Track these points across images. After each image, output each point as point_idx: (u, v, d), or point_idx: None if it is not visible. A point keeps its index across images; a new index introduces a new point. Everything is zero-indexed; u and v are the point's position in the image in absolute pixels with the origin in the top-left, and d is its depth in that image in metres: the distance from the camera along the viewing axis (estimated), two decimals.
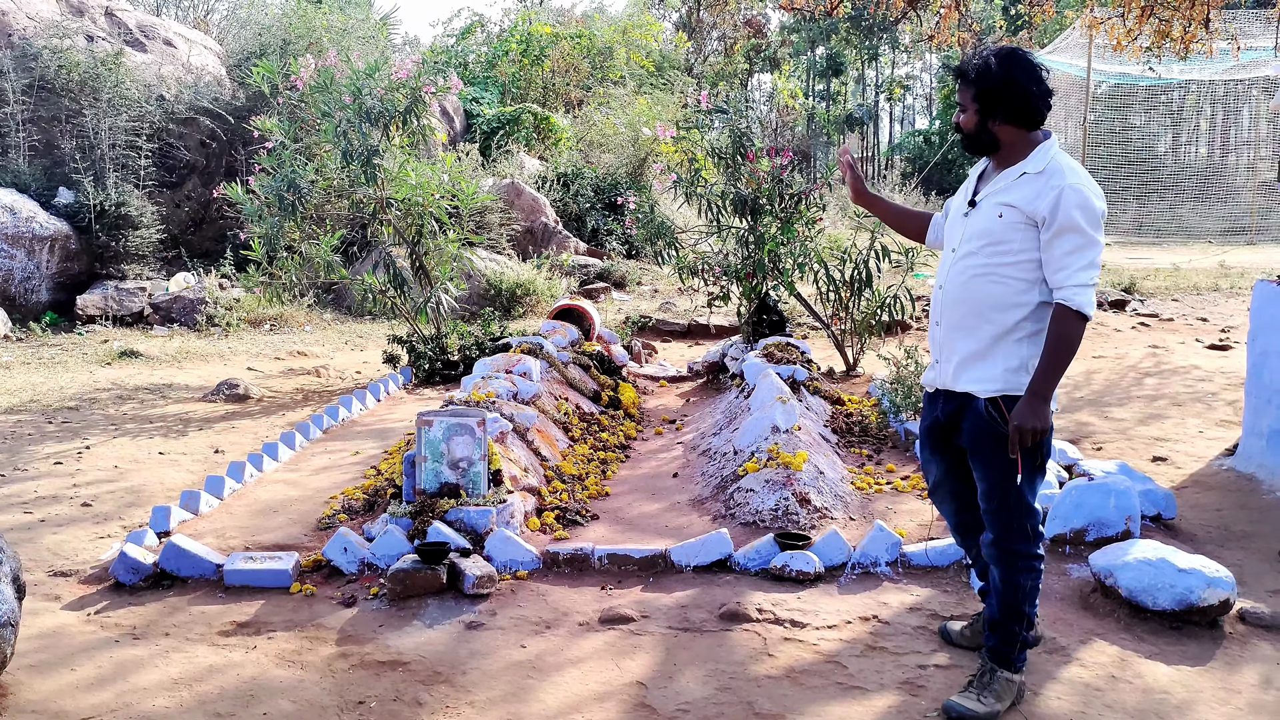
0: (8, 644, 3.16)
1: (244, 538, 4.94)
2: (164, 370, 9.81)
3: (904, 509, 5.22)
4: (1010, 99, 3.19)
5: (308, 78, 8.94)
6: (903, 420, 6.60)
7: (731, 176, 8.58)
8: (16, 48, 14.11)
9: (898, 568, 4.39)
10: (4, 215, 12.39)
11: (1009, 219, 3.17)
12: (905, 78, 54.07)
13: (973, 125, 3.27)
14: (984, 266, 3.21)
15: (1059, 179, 3.10)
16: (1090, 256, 3.07)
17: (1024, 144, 3.24)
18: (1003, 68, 3.19)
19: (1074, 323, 3.06)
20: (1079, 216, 3.05)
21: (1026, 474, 3.21)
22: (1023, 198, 3.15)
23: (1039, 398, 3.09)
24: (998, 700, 3.26)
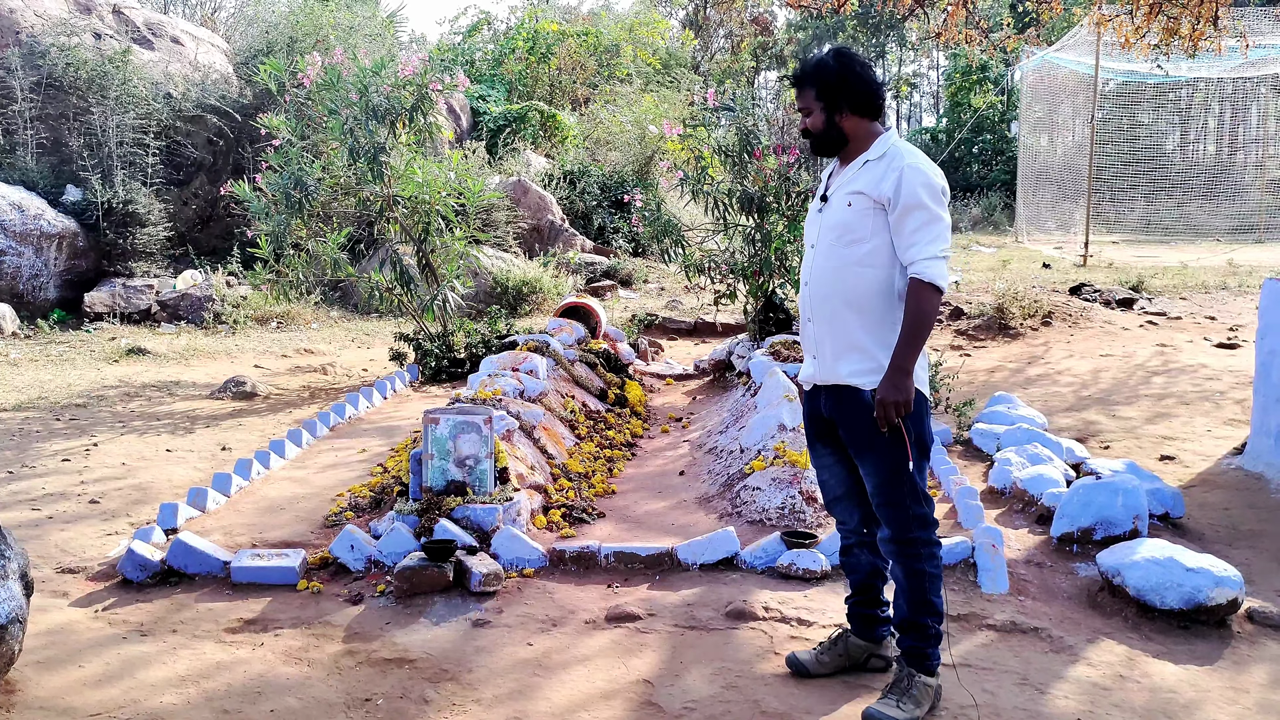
0: (16, 640, 3.17)
1: (251, 535, 4.95)
2: (171, 368, 9.83)
3: None
4: (851, 90, 3.28)
5: (314, 75, 8.95)
6: None
7: (738, 174, 8.57)
8: (24, 45, 14.14)
9: None
10: (12, 213, 12.42)
11: (858, 206, 3.24)
12: (912, 75, 53.99)
13: (821, 124, 3.34)
14: (843, 258, 3.27)
15: (899, 160, 3.20)
16: (937, 230, 3.15)
17: (867, 135, 3.32)
18: (838, 62, 3.29)
19: (928, 295, 3.12)
20: (922, 194, 3.13)
21: (915, 460, 3.22)
22: (868, 183, 3.23)
23: (900, 371, 3.12)
24: (916, 706, 3.23)
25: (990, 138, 33.07)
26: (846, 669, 3.55)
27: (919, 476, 3.26)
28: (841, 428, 3.34)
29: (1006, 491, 5.33)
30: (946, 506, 5.16)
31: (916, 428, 3.23)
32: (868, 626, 3.57)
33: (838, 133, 3.33)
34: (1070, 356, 9.27)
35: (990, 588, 4.19)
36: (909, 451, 3.20)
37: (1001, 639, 3.80)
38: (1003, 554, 4.28)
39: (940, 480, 5.51)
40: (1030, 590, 4.21)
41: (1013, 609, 4.03)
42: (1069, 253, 18.88)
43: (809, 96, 3.33)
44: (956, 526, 4.85)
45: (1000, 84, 32.18)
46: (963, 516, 4.88)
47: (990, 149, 33.08)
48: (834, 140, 3.35)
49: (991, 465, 5.71)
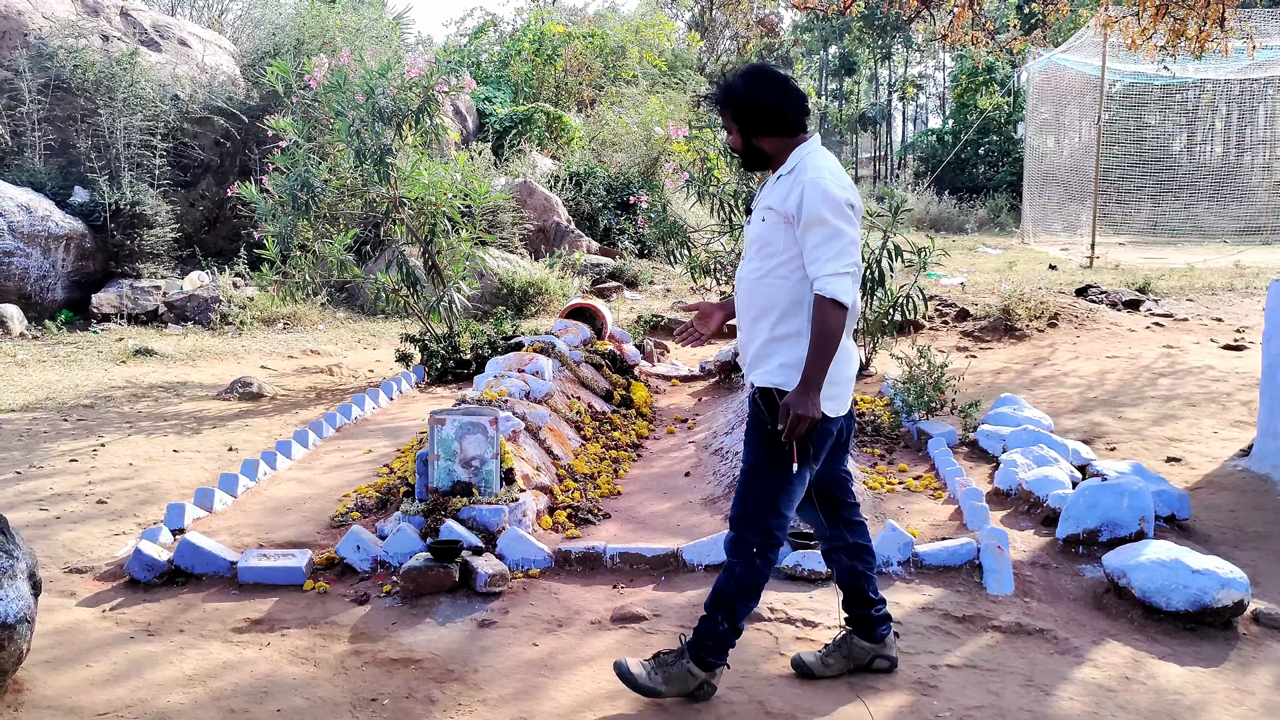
0: (24, 640, 3.18)
1: (258, 535, 4.96)
2: (178, 368, 9.86)
3: (916, 509, 5.21)
4: (761, 113, 3.30)
5: (321, 77, 8.97)
6: (915, 420, 6.59)
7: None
8: (32, 47, 14.19)
9: (910, 567, 4.38)
10: (20, 214, 12.46)
11: (770, 221, 3.28)
12: (918, 77, 53.95)
13: (739, 144, 3.39)
14: (759, 270, 3.32)
15: (802, 175, 3.22)
16: (840, 245, 3.14)
17: (787, 151, 3.34)
18: (747, 86, 3.31)
19: (831, 311, 3.12)
20: (822, 209, 3.14)
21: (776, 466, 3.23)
22: (777, 199, 3.26)
23: (807, 385, 3.14)
24: (666, 684, 3.31)
25: (996, 139, 33.07)
26: (852, 670, 3.56)
27: (786, 491, 3.27)
28: None
29: (1012, 493, 5.33)
30: (952, 508, 5.17)
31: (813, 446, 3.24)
32: (866, 627, 3.57)
33: (758, 152, 3.38)
34: (1076, 358, 9.26)
35: (996, 589, 4.19)
36: (792, 463, 3.21)
37: (1007, 640, 3.80)
38: (1008, 555, 4.28)
39: (946, 481, 5.51)
40: (1036, 592, 4.21)
41: (1018, 610, 4.03)
42: (1075, 254, 18.86)
43: (728, 118, 3.37)
44: (962, 528, 4.85)
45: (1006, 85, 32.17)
46: (968, 518, 4.88)
47: (996, 150, 33.07)
48: (756, 159, 3.41)
49: (997, 467, 5.71)
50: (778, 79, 3.34)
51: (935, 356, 6.91)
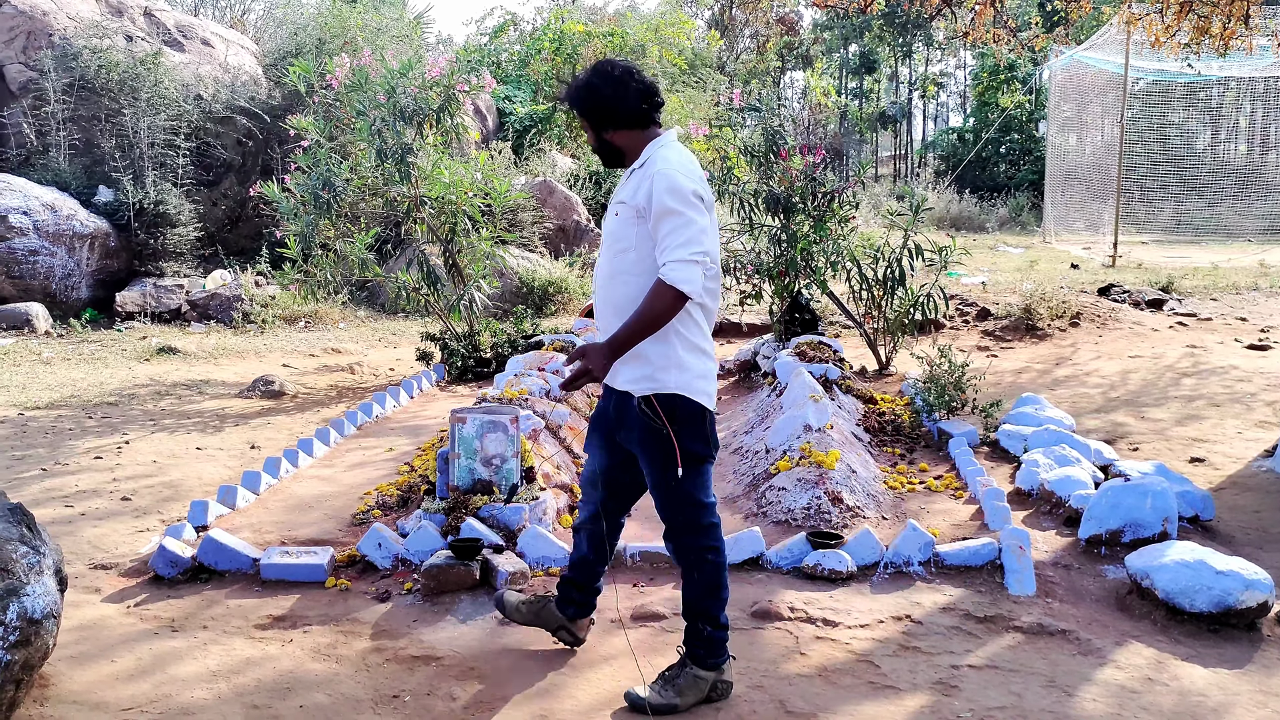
0: (50, 635, 3.21)
1: (280, 532, 4.99)
2: (201, 367, 9.93)
3: (937, 508, 5.20)
4: (607, 109, 3.32)
5: (343, 77, 9.02)
6: (936, 420, 6.57)
7: (764, 175, 8.56)
8: (57, 48, 14.31)
9: (931, 567, 4.37)
10: (45, 213, 12.57)
11: (623, 216, 3.29)
12: (939, 75, 53.70)
13: (594, 142, 3.43)
14: (616, 267, 3.32)
15: (651, 168, 3.23)
16: (686, 234, 3.13)
17: (640, 145, 3.36)
18: (588, 84, 3.34)
19: (666, 295, 3.12)
20: (668, 199, 3.14)
21: (686, 466, 3.26)
22: (629, 193, 3.29)
23: (611, 347, 3.18)
24: (678, 695, 3.32)
25: (1018, 137, 32.89)
26: (535, 625, 3.76)
27: (691, 482, 3.31)
28: (620, 430, 3.42)
29: (1034, 493, 5.30)
30: (973, 508, 5.15)
31: (688, 439, 3.26)
32: (563, 601, 3.73)
33: (612, 148, 3.40)
34: (1099, 358, 9.21)
35: (1017, 589, 4.17)
36: (676, 459, 3.24)
37: (1028, 641, 3.79)
38: (1030, 556, 4.27)
39: (967, 481, 5.49)
40: (1058, 592, 4.19)
41: (1040, 611, 4.01)
42: (1098, 253, 18.75)
43: (580, 118, 3.42)
44: (983, 528, 4.84)
45: (1028, 83, 31.99)
46: (989, 518, 4.87)
47: (1018, 149, 32.90)
48: (612, 155, 3.43)
49: (1018, 467, 5.69)
50: (618, 72, 3.34)
51: (956, 356, 6.88)
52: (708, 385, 3.32)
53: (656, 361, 3.24)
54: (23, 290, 12.36)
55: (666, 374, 3.24)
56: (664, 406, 3.24)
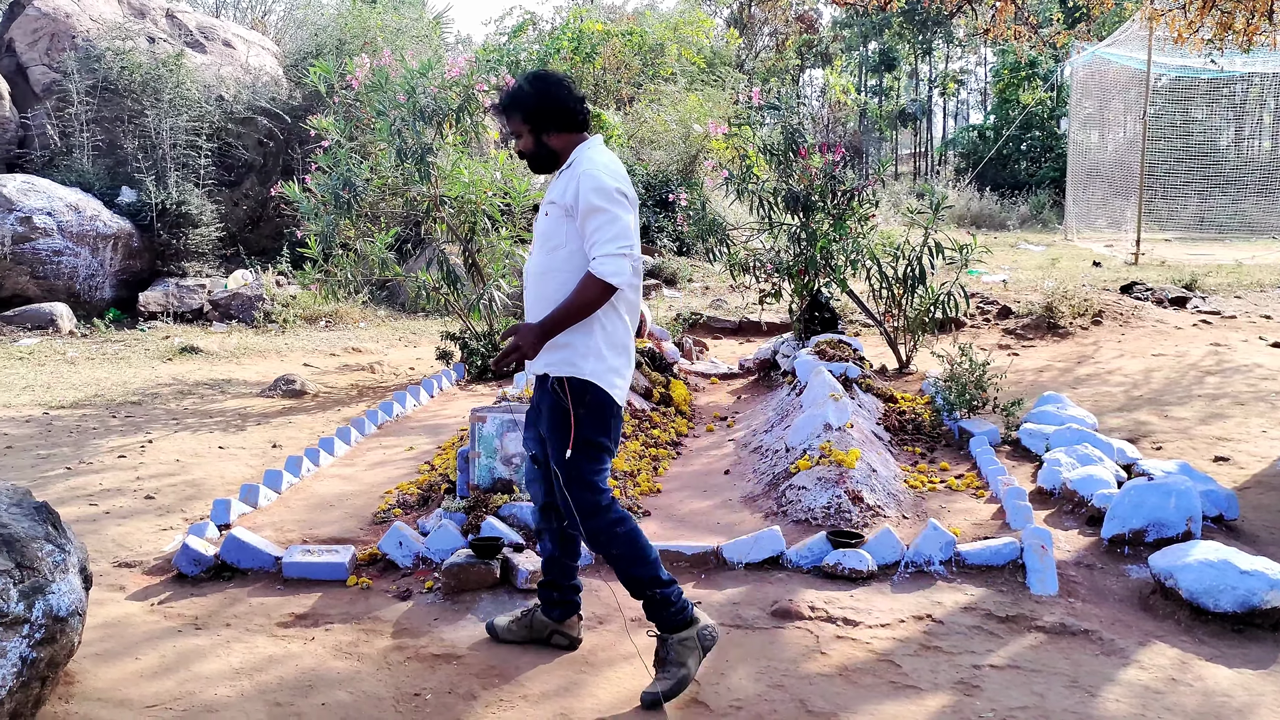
0: (75, 633, 3.24)
1: (301, 531, 5.02)
2: (223, 366, 9.99)
3: (958, 508, 5.18)
4: (550, 110, 3.49)
5: (363, 77, 9.05)
6: (956, 418, 6.54)
7: (783, 173, 8.55)
8: (80, 49, 14.43)
9: (952, 567, 4.35)
10: (69, 214, 12.68)
11: (553, 215, 3.47)
12: (960, 72, 53.45)
13: (531, 145, 3.55)
14: (545, 264, 3.49)
15: (578, 169, 3.42)
16: (614, 229, 3.33)
17: (572, 148, 3.55)
18: (534, 86, 3.51)
19: (594, 286, 3.31)
20: (594, 198, 3.33)
21: (576, 448, 3.40)
22: (558, 193, 3.46)
23: (543, 328, 3.35)
24: (680, 666, 3.42)
25: (1039, 134, 32.71)
26: (531, 640, 3.79)
27: (589, 470, 3.44)
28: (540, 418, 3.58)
29: (1056, 492, 5.27)
30: (994, 508, 5.13)
31: (590, 427, 3.42)
32: (546, 605, 3.80)
33: (548, 151, 3.55)
34: (1121, 356, 9.15)
35: (1039, 589, 4.15)
36: (570, 440, 3.40)
37: (1051, 641, 3.77)
38: (1052, 555, 4.24)
39: (988, 480, 5.47)
40: (1080, 592, 4.17)
41: (1062, 611, 3.99)
42: (1120, 251, 18.63)
43: (517, 121, 3.53)
44: (1004, 527, 4.81)
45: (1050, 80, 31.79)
46: (1011, 517, 4.84)
47: (1039, 146, 32.72)
48: (546, 158, 3.57)
49: (1040, 466, 5.66)
50: (559, 78, 3.57)
51: (977, 354, 6.85)
52: (620, 380, 3.49)
53: (578, 348, 3.42)
54: (47, 290, 12.47)
55: (585, 361, 3.41)
56: (575, 390, 3.41)
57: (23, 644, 2.95)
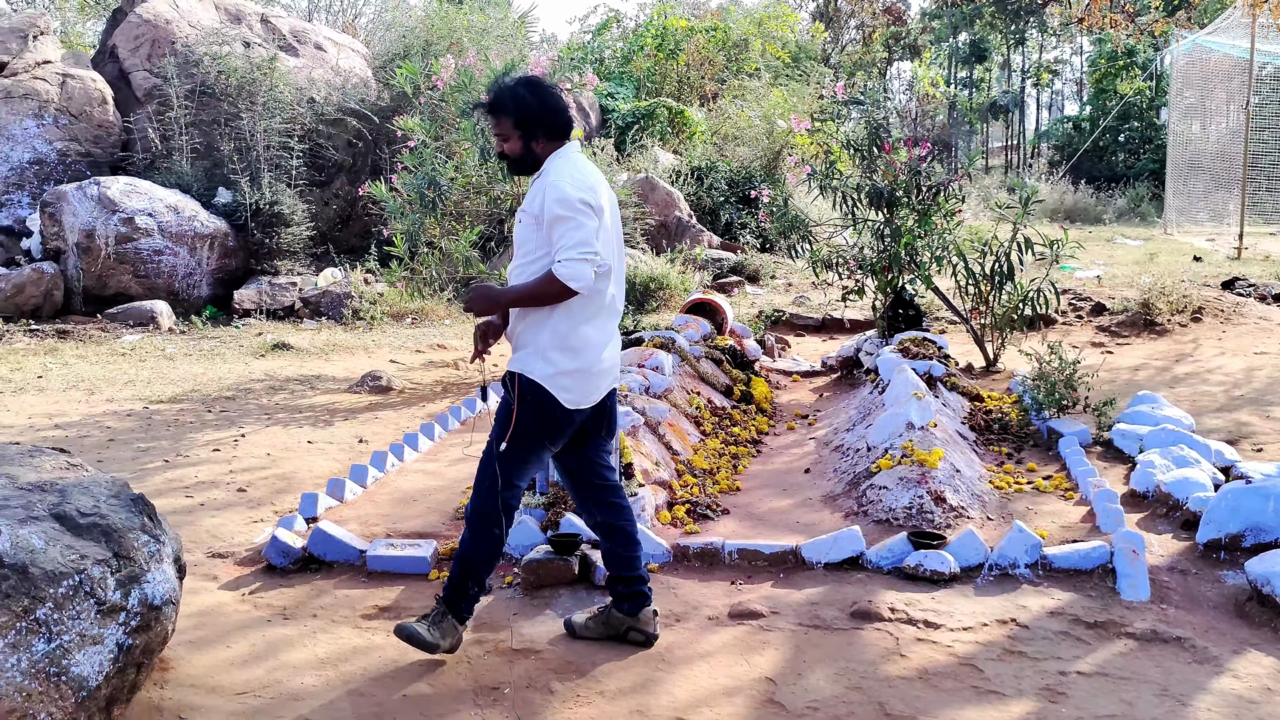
0: (169, 621, 3.35)
1: (385, 525, 5.11)
2: (313, 362, 10.22)
3: (1045, 509, 5.06)
4: (546, 119, 3.59)
5: (448, 77, 9.17)
6: (1045, 418, 6.39)
7: (867, 168, 8.44)
8: (180, 55, 14.88)
9: (1038, 570, 4.25)
10: (169, 214, 13.10)
11: (525, 223, 3.60)
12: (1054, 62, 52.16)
13: (520, 150, 3.63)
14: (519, 268, 3.63)
15: (547, 178, 3.53)
16: (577, 235, 3.42)
17: (549, 154, 3.63)
18: (535, 94, 3.60)
19: (553, 285, 3.44)
20: (557, 207, 3.44)
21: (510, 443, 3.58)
22: (530, 202, 3.57)
23: (495, 297, 3.59)
24: (443, 637, 3.63)
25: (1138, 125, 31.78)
26: (608, 637, 3.82)
27: (508, 461, 3.61)
28: None
29: (1149, 495, 5.12)
30: (1083, 510, 5.00)
31: (527, 424, 3.57)
32: (616, 600, 3.83)
33: (534, 158, 3.63)
34: (1221, 354, 8.84)
35: (1130, 595, 4.04)
36: (507, 435, 3.57)
37: (1141, 648, 3.66)
38: (1144, 560, 4.12)
39: (1078, 482, 5.33)
40: (1173, 598, 4.04)
41: (1154, 617, 3.87)
42: (1221, 245, 18.01)
43: (507, 125, 3.60)
44: (1094, 531, 4.69)
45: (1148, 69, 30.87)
46: (1101, 520, 4.71)
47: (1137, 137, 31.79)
48: (530, 164, 3.65)
49: (1133, 468, 5.50)
50: (552, 87, 3.68)
51: (1067, 352, 6.68)
52: (571, 383, 3.58)
53: (531, 348, 3.58)
54: (148, 289, 12.90)
55: (532, 361, 3.57)
56: (521, 388, 3.56)
57: (119, 631, 3.06)
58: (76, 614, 2.93)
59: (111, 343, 11.31)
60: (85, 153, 14.53)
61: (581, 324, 3.57)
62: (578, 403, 3.60)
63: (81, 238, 12.68)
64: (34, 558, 2.92)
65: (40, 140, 14.26)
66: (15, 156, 14.11)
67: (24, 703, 2.71)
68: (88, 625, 2.95)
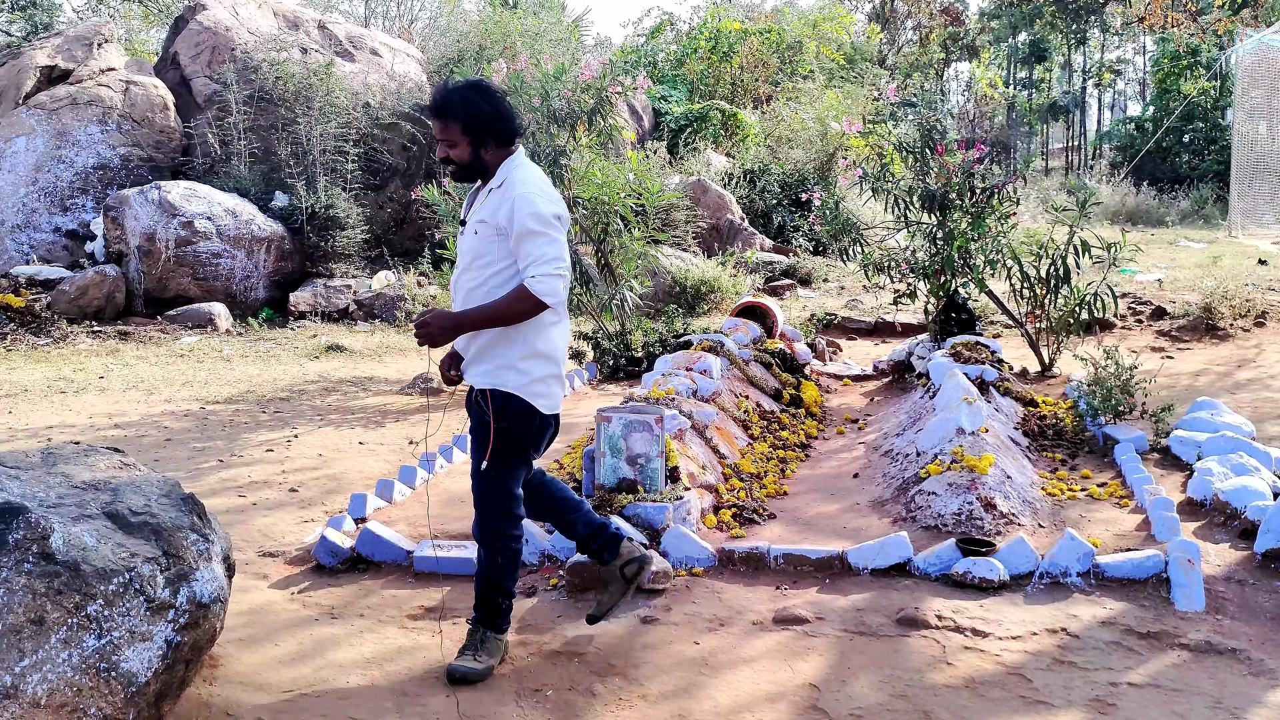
0: (218, 619, 3.40)
1: (433, 526, 5.15)
2: (366, 364, 10.34)
3: (1099, 517, 4.97)
4: (496, 125, 3.54)
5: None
6: (1101, 424, 6.28)
7: (920, 170, 8.35)
8: (239, 61, 15.15)
9: (1090, 579, 4.18)
10: (227, 218, 13.33)
11: (484, 233, 3.55)
12: (1116, 62, 51.24)
13: (467, 156, 3.56)
14: (475, 279, 3.57)
15: (511, 191, 3.48)
16: (552, 251, 3.43)
17: (499, 162, 3.59)
18: (486, 99, 3.53)
19: (528, 300, 3.43)
20: (531, 222, 3.42)
21: (494, 460, 3.57)
22: (490, 212, 3.52)
23: (459, 321, 3.51)
24: (490, 657, 3.63)
25: (1202, 126, 31.08)
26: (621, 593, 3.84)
27: (502, 471, 3.60)
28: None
29: (1206, 504, 5.00)
30: (1138, 518, 4.90)
31: (507, 439, 3.56)
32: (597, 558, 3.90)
33: (482, 164, 3.58)
34: None
35: (1185, 605, 3.95)
36: (487, 453, 3.56)
37: (1195, 659, 3.58)
38: (1199, 569, 4.03)
39: (1133, 489, 5.23)
40: (1229, 609, 3.95)
41: (1209, 628, 3.78)
42: None
43: (455, 130, 3.51)
44: (1149, 539, 4.59)
45: (1213, 69, 30.23)
46: (1156, 529, 4.62)
47: (1201, 138, 31.10)
48: (478, 170, 3.61)
49: (1191, 475, 5.38)
50: (499, 92, 3.62)
51: (1124, 357, 6.56)
52: (546, 389, 3.61)
53: (499, 361, 3.55)
54: (206, 291, 13.14)
55: (506, 374, 3.54)
56: (496, 403, 3.53)
57: (168, 628, 3.11)
58: (126, 611, 2.99)
59: (170, 344, 11.53)
60: (147, 158, 14.85)
61: (548, 328, 3.59)
62: (553, 407, 3.65)
63: (143, 241, 12.94)
64: (86, 555, 2.99)
65: (104, 146, 14.59)
66: (80, 162, 14.45)
67: (75, 697, 2.77)
68: (137, 622, 3.01)
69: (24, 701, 2.65)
